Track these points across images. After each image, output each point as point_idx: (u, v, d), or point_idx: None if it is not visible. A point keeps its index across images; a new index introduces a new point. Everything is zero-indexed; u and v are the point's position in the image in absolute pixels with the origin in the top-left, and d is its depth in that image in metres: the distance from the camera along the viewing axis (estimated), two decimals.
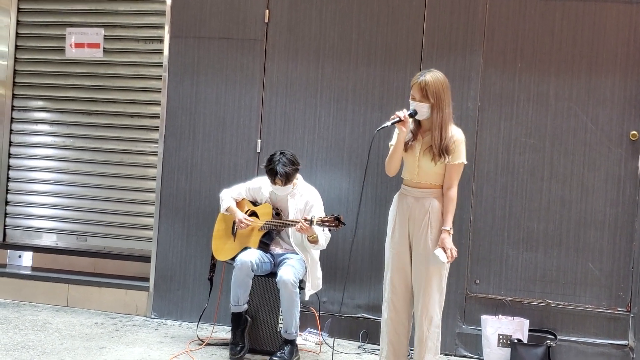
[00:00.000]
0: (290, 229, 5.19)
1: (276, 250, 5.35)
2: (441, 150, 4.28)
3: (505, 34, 5.56)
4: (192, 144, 6.07)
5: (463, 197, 5.44)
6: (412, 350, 4.58)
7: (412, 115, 4.30)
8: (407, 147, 4.39)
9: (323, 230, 5.04)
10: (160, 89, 6.25)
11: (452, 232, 4.35)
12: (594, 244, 5.43)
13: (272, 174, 5.14)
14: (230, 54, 6.02)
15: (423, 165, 4.36)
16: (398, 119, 4.25)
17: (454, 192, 4.37)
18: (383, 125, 4.34)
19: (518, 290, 5.52)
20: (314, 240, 5.09)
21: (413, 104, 4.31)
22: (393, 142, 4.42)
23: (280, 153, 5.17)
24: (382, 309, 4.58)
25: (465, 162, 4.41)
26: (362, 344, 5.64)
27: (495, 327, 5.32)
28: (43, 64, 6.81)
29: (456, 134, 4.36)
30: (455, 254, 4.31)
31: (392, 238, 4.50)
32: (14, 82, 6.84)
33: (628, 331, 5.37)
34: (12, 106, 6.85)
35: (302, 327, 5.55)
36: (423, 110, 4.28)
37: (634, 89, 5.40)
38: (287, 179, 5.13)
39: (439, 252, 4.27)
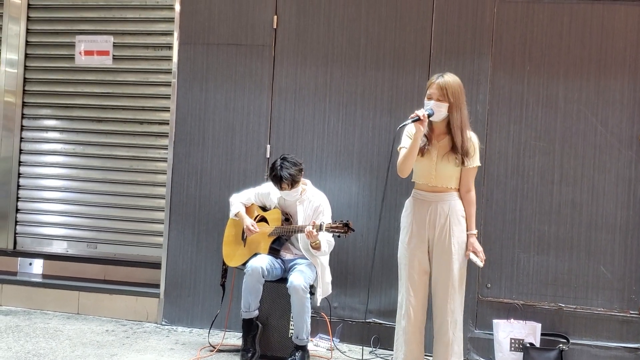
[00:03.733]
0: (300, 235, 5.19)
1: (286, 255, 5.35)
2: (463, 152, 4.30)
3: (514, 38, 5.56)
4: (202, 150, 6.09)
5: None
6: (428, 355, 4.56)
7: (430, 115, 4.30)
8: (422, 151, 4.38)
9: (332, 236, 5.03)
10: (169, 95, 6.27)
11: (477, 235, 4.40)
12: (605, 247, 5.41)
13: (277, 180, 5.14)
14: (239, 60, 6.03)
15: (441, 169, 4.35)
16: (417, 117, 4.24)
17: (473, 195, 4.42)
18: (404, 123, 4.33)
19: (530, 293, 5.50)
20: (316, 246, 5.09)
21: (430, 103, 4.30)
22: (403, 144, 4.42)
23: (281, 159, 5.17)
24: (398, 316, 4.53)
25: (480, 165, 4.45)
26: (374, 349, 5.62)
27: (507, 331, 5.30)
28: (53, 72, 6.85)
29: (473, 138, 4.40)
30: (484, 255, 4.41)
31: (409, 244, 4.46)
32: (24, 90, 6.88)
33: None
34: (22, 114, 6.89)
35: (313, 332, 5.54)
36: (441, 109, 4.29)
37: None
38: (293, 180, 5.12)
39: (473, 257, 4.33)
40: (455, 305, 4.36)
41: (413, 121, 4.28)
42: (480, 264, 4.37)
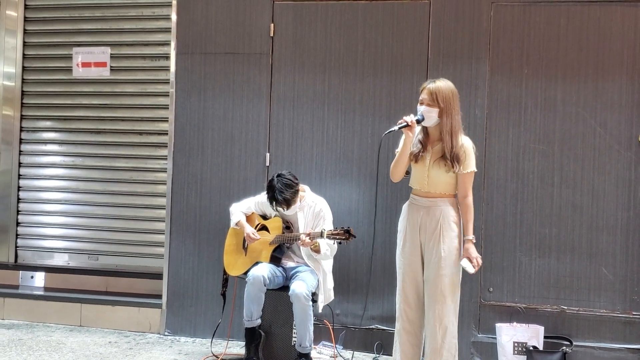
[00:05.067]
0: None
1: (288, 263, 5.34)
2: (452, 158, 4.28)
3: (511, 41, 5.56)
4: (201, 160, 6.09)
5: (474, 205, 5.42)
6: None
7: (420, 121, 4.31)
8: (417, 158, 4.39)
9: (334, 242, 5.03)
10: (167, 105, 6.28)
11: (474, 241, 4.35)
12: (606, 249, 5.42)
13: (273, 201, 5.17)
14: (237, 69, 6.04)
15: (433, 174, 4.36)
16: (405, 123, 4.26)
17: (470, 200, 4.38)
18: (390, 130, 4.36)
19: (532, 297, 5.50)
20: (316, 250, 5.10)
21: (421, 108, 4.31)
22: (399, 148, 4.43)
23: (278, 177, 5.16)
24: (396, 320, 4.58)
25: (476, 170, 4.41)
26: (377, 355, 5.61)
27: (510, 334, 5.30)
28: (50, 84, 6.84)
29: (465, 143, 4.37)
30: (480, 262, 4.31)
31: (403, 248, 4.50)
32: (22, 103, 6.87)
33: None
34: (21, 127, 6.87)
35: (316, 340, 5.53)
36: (431, 115, 4.29)
37: None
38: (289, 203, 5.15)
39: (465, 262, 4.27)
40: (444, 311, 4.34)
41: (400, 127, 4.29)
42: (472, 270, 4.28)
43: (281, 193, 5.08)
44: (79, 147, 6.76)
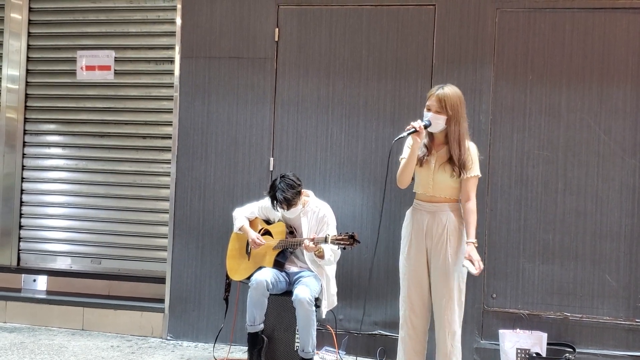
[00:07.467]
0: None
1: (291, 268, 5.33)
2: (460, 165, 4.29)
3: (516, 47, 5.56)
4: (205, 164, 6.08)
5: (477, 211, 5.41)
6: None
7: (427, 126, 4.31)
8: (421, 161, 4.39)
9: (338, 247, 5.03)
10: (171, 109, 6.28)
11: (476, 245, 4.35)
12: (610, 255, 5.40)
13: (273, 200, 5.16)
14: (241, 73, 6.03)
15: (438, 179, 4.36)
16: (414, 129, 4.26)
17: (473, 204, 4.38)
18: (400, 136, 4.35)
19: (535, 303, 5.49)
20: (320, 255, 5.09)
21: (428, 115, 4.32)
22: (404, 155, 4.43)
23: (281, 177, 5.16)
24: (400, 326, 4.57)
25: (480, 175, 4.43)
26: None
27: (514, 341, 5.29)
28: (54, 88, 6.84)
29: (471, 148, 4.39)
30: (481, 265, 4.31)
31: (409, 254, 4.49)
32: (25, 106, 6.87)
33: None
34: (24, 130, 6.87)
35: (319, 345, 5.52)
36: (439, 122, 4.29)
37: None
38: (289, 203, 5.13)
39: (467, 263, 4.26)
40: (453, 317, 4.36)
41: (409, 133, 4.29)
42: (474, 271, 4.28)
43: (282, 192, 5.08)
44: (82, 150, 6.76)
